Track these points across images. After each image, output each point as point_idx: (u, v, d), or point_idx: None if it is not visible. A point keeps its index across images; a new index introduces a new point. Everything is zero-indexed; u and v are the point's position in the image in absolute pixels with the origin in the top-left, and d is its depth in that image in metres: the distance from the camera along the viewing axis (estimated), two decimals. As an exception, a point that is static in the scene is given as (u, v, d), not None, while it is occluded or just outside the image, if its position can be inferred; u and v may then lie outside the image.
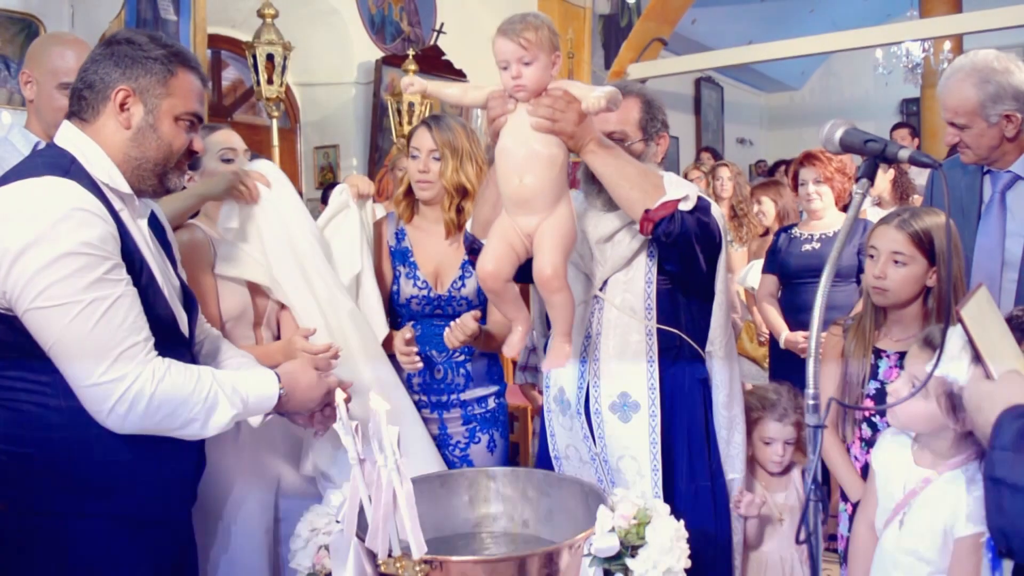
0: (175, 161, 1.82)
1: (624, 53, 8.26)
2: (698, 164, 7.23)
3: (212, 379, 1.75)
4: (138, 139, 1.76)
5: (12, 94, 4.46)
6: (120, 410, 1.62)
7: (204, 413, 1.72)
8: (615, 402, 2.29)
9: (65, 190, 1.63)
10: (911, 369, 1.90)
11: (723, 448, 2.38)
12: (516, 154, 1.95)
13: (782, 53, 8.46)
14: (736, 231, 5.67)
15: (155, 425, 1.67)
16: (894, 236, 2.16)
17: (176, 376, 1.69)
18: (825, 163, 3.80)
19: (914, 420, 1.85)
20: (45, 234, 1.57)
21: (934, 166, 1.44)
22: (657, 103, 2.34)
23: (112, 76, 1.75)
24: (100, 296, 1.60)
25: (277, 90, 5.19)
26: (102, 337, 1.60)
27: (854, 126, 1.54)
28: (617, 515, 1.82)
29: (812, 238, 3.84)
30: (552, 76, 1.95)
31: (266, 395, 1.84)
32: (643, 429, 2.26)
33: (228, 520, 2.25)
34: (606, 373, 2.30)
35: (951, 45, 9.72)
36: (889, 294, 2.17)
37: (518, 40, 1.90)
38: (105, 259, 1.62)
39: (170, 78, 1.77)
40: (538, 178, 1.94)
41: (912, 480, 1.89)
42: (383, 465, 1.61)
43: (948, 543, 1.80)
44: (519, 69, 1.91)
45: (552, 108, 1.92)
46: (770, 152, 13.54)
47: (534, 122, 1.92)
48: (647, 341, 2.28)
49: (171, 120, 1.79)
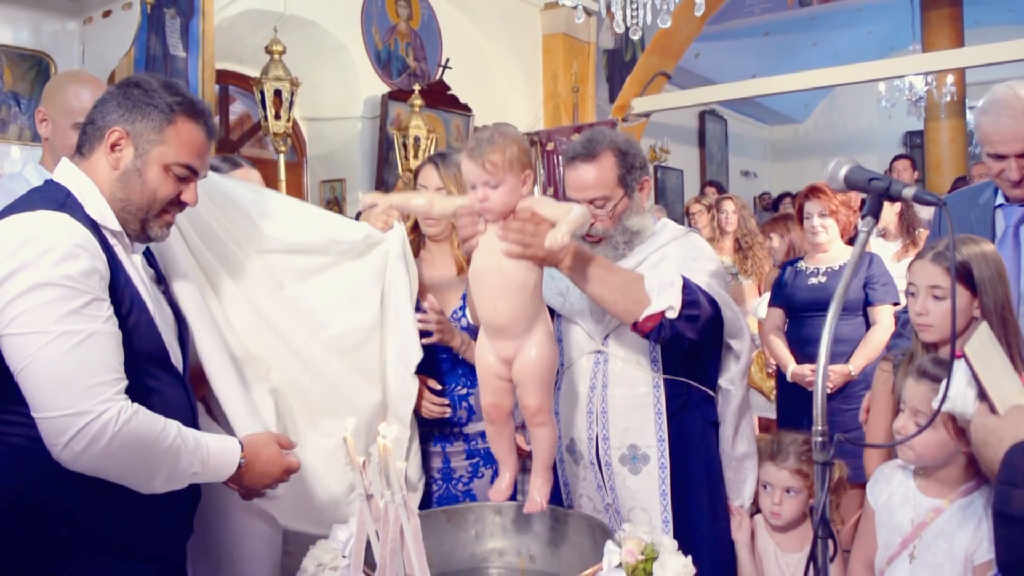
0: (158, 209, 1.82)
1: (628, 87, 8.32)
2: (699, 198, 7.25)
3: (176, 431, 1.72)
4: (124, 181, 1.79)
5: (23, 130, 4.51)
6: (76, 446, 1.59)
7: (163, 465, 1.69)
8: (624, 454, 2.29)
9: (57, 223, 1.66)
10: (910, 402, 1.89)
11: (730, 479, 2.39)
12: (489, 280, 1.91)
13: (786, 87, 8.53)
14: (741, 264, 5.67)
15: (111, 467, 1.64)
16: (931, 270, 2.11)
17: (141, 422, 1.65)
18: (830, 196, 3.81)
19: (927, 451, 1.84)
20: (28, 263, 1.59)
21: (938, 204, 1.45)
22: (632, 148, 2.27)
23: (112, 116, 1.79)
24: (73, 330, 1.60)
25: (284, 125, 5.25)
26: (69, 370, 1.59)
27: (858, 164, 1.55)
28: (624, 551, 1.81)
29: (818, 272, 3.84)
30: (522, 195, 1.89)
31: (227, 462, 1.81)
32: (653, 481, 2.27)
33: (230, 554, 2.23)
34: (614, 425, 2.30)
35: (953, 79, 9.80)
36: (934, 329, 2.10)
37: (482, 164, 1.84)
38: (83, 293, 1.63)
39: (167, 126, 1.79)
40: (511, 304, 1.90)
41: (921, 512, 1.88)
42: (390, 500, 1.61)
43: (968, 572, 1.79)
44: (485, 192, 1.87)
45: (521, 233, 1.85)
46: (774, 184, 13.59)
47: (505, 248, 1.87)
48: (654, 393, 2.27)
49: (160, 168, 1.79)
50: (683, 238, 2.34)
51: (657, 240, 2.31)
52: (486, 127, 1.96)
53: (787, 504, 2.26)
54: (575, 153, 2.24)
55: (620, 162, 2.23)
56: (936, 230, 2.64)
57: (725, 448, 2.39)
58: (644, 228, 2.29)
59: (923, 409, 1.85)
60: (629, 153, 2.25)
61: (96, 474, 1.64)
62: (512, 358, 1.94)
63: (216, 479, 1.82)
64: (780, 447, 2.27)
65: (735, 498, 2.40)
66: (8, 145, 4.47)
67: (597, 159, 2.21)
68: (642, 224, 2.29)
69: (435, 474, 2.60)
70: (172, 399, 1.84)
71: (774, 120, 14.65)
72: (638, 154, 2.28)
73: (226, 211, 2.17)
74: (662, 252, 2.28)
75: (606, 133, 2.29)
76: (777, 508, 2.26)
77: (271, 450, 1.89)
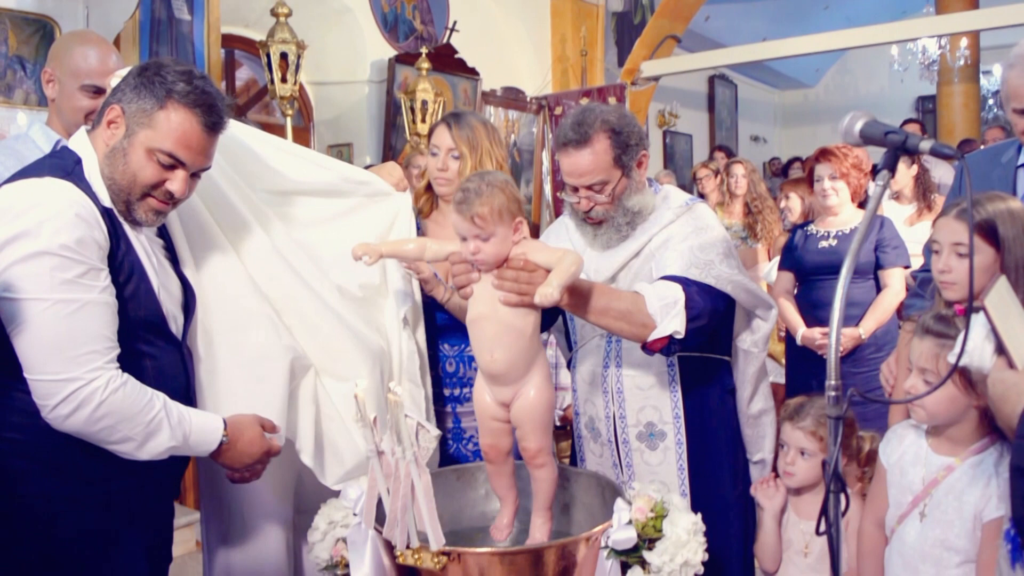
0: (139, 193, 1.81)
1: (637, 50, 8.23)
2: (707, 163, 7.20)
3: (162, 406, 1.77)
4: (110, 158, 1.80)
5: (28, 94, 4.49)
6: (63, 410, 1.65)
7: (143, 436, 1.73)
8: (641, 431, 2.30)
9: (59, 192, 1.70)
10: (917, 361, 1.88)
11: (748, 436, 2.40)
12: (486, 329, 1.89)
13: (796, 50, 8.41)
14: (751, 228, 5.65)
15: (94, 433, 1.70)
16: (954, 227, 2.05)
17: (128, 393, 1.71)
18: (841, 159, 3.77)
19: (939, 408, 1.83)
20: (29, 230, 1.63)
21: (955, 157, 1.43)
22: (626, 125, 2.16)
23: (119, 94, 1.82)
24: (68, 298, 1.65)
25: (291, 88, 5.21)
26: (61, 337, 1.64)
27: (874, 118, 1.53)
28: (634, 508, 1.81)
29: (828, 235, 3.82)
30: (515, 242, 1.87)
31: (208, 439, 1.85)
32: (671, 456, 2.28)
33: (242, 514, 2.25)
34: (631, 405, 2.30)
35: (968, 42, 9.67)
36: (957, 287, 2.04)
37: (471, 218, 1.82)
38: (80, 263, 1.66)
39: (157, 110, 1.78)
40: (508, 351, 1.88)
41: (933, 470, 1.87)
42: (401, 457, 1.61)
43: (978, 529, 1.79)
44: (477, 245, 1.84)
45: (516, 281, 1.83)
46: (784, 150, 13.49)
47: (501, 296, 1.85)
48: (669, 372, 2.27)
49: (143, 151, 1.79)
50: (687, 214, 2.26)
51: (660, 218, 2.25)
52: (472, 176, 1.89)
53: (800, 465, 2.20)
54: (566, 139, 2.14)
55: (614, 142, 2.14)
56: (957, 188, 2.59)
57: (742, 408, 2.40)
58: (645, 206, 2.23)
59: (929, 367, 1.84)
60: (623, 131, 2.15)
61: (81, 437, 1.70)
62: (510, 401, 1.93)
63: (198, 454, 1.87)
64: (800, 408, 2.23)
65: (755, 453, 2.42)
66: (14, 110, 4.44)
67: (590, 143, 2.12)
68: (643, 203, 2.22)
69: (446, 434, 2.61)
70: (167, 365, 1.90)
71: (784, 85, 14.50)
72: (633, 129, 2.18)
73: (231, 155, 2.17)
74: (667, 232, 2.22)
75: (596, 111, 2.17)
76: (790, 468, 2.22)
77: (253, 431, 1.92)
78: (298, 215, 2.33)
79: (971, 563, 1.80)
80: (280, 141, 2.39)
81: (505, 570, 1.71)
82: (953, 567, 1.81)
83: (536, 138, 7.59)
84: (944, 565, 1.82)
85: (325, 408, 2.16)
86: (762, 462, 2.42)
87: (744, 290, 2.22)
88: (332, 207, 2.39)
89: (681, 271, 2.11)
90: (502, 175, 1.90)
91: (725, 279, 2.16)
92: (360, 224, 2.39)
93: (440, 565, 1.69)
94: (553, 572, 1.74)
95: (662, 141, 11.05)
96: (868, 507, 2.05)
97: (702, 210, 2.30)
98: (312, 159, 2.42)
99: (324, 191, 2.37)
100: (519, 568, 1.72)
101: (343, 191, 2.40)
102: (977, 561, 1.79)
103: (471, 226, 1.83)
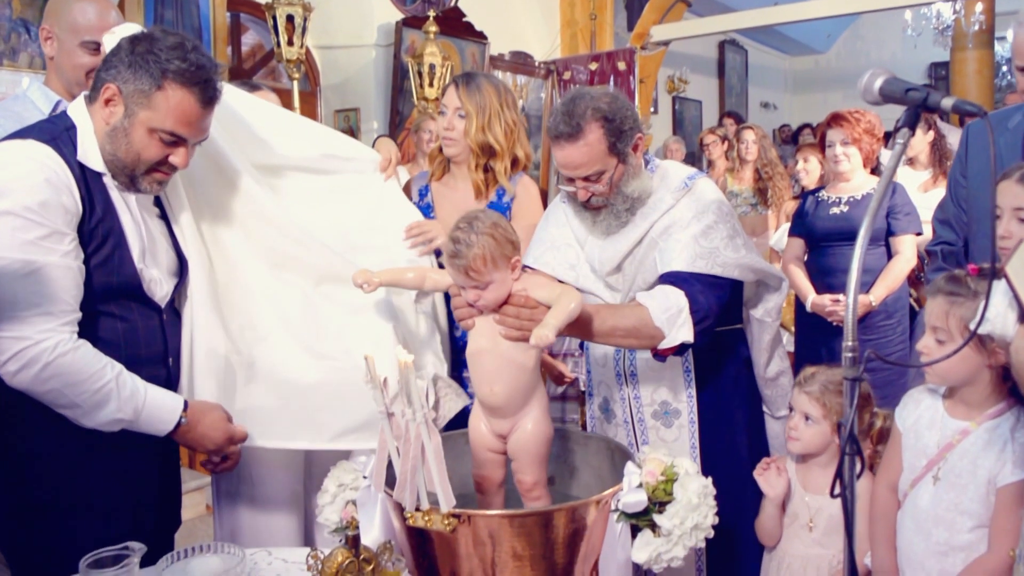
0: (144, 169, 1.84)
1: (647, 15, 8.14)
2: (713, 129, 7.14)
3: (113, 377, 1.78)
4: (112, 136, 1.82)
5: (33, 58, 4.46)
6: (10, 367, 1.69)
7: (90, 404, 1.75)
8: (656, 410, 2.30)
9: (33, 155, 1.72)
10: (928, 320, 1.85)
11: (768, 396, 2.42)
12: (487, 362, 1.89)
13: (808, 14, 8.32)
14: (760, 195, 5.61)
15: (42, 394, 1.73)
16: (1016, 191, 1.97)
17: (78, 359, 1.73)
18: (853, 124, 3.72)
19: (952, 369, 1.81)
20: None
21: (979, 114, 1.39)
22: (618, 110, 2.09)
23: (112, 71, 1.82)
24: (25, 259, 1.67)
25: (297, 51, 5.17)
26: (17, 296, 1.68)
27: (894, 75, 1.50)
28: (645, 471, 1.81)
29: (840, 201, 3.78)
30: (514, 279, 1.86)
31: (164, 417, 1.86)
32: (684, 435, 2.28)
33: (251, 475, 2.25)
34: (645, 387, 2.30)
35: (983, 7, 9.52)
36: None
37: (465, 272, 1.82)
38: (40, 225, 1.69)
39: (155, 91, 1.79)
40: (508, 386, 1.88)
41: (948, 434, 1.86)
42: (412, 418, 1.60)
43: (991, 494, 1.78)
44: (476, 294, 1.84)
45: (518, 319, 1.84)
46: (794, 117, 13.38)
47: (503, 331, 1.85)
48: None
49: (145, 131, 1.81)
50: (687, 196, 2.19)
51: (660, 202, 2.19)
52: (459, 224, 1.84)
53: (803, 431, 2.17)
54: (558, 132, 2.08)
55: (607, 131, 2.07)
56: (964, 154, 2.54)
57: (759, 372, 2.40)
58: (644, 191, 2.17)
59: (940, 324, 1.81)
60: (616, 118, 2.08)
61: (31, 393, 1.73)
62: (507, 433, 1.93)
63: (152, 431, 1.86)
64: (812, 376, 2.21)
65: (777, 410, 2.43)
66: (19, 73, 4.41)
67: (582, 135, 2.06)
68: (641, 187, 2.17)
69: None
70: (142, 330, 1.92)
71: (795, 50, 14.35)
72: (626, 115, 2.10)
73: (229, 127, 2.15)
74: (669, 218, 2.16)
75: (586, 99, 2.09)
76: (793, 432, 2.19)
77: (215, 415, 1.95)
78: (287, 189, 2.32)
79: (983, 527, 1.79)
80: (271, 108, 2.37)
81: (515, 532, 1.71)
82: (966, 531, 1.80)
83: (544, 103, 7.53)
84: (956, 529, 1.81)
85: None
86: (786, 418, 2.41)
87: (751, 270, 2.20)
88: (320, 183, 2.37)
89: (686, 264, 2.08)
90: (490, 217, 1.86)
91: (732, 264, 2.13)
92: (351, 202, 2.40)
93: (450, 527, 1.69)
94: (563, 535, 1.74)
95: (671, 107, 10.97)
96: (882, 471, 2.03)
97: (702, 188, 2.22)
98: (301, 130, 2.39)
99: (310, 168, 2.36)
100: (529, 530, 1.71)
101: (328, 169, 2.38)
102: (991, 526, 1.78)
103: (467, 279, 1.83)
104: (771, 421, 2.46)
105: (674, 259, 2.10)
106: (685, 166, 2.35)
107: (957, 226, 2.45)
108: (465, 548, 1.72)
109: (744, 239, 2.23)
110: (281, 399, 2.10)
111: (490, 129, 2.52)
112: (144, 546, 1.56)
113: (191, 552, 1.76)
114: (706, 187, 2.23)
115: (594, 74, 7.33)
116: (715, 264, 2.11)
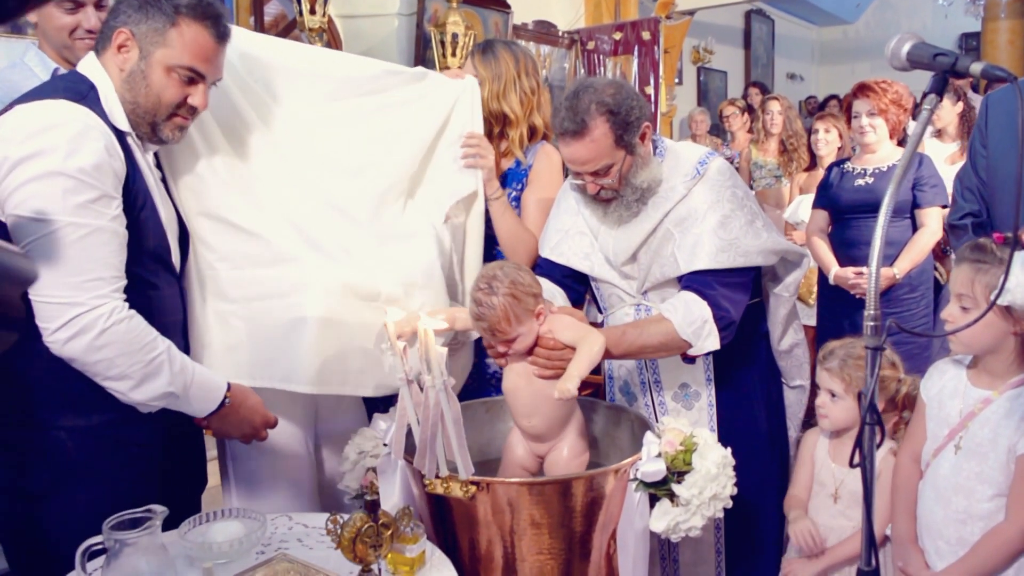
0: (166, 113, 1.82)
1: (672, -17, 8.02)
2: (733, 100, 7.04)
3: (165, 349, 1.75)
4: (130, 82, 1.80)
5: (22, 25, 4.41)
6: (62, 334, 1.63)
7: (141, 375, 1.71)
8: (676, 392, 2.32)
9: (77, 114, 1.68)
10: (953, 286, 1.83)
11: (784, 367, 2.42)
12: (522, 398, 1.98)
13: (837, -17, 8.16)
14: (786, 166, 5.55)
15: (91, 364, 1.67)
16: None
17: (133, 327, 1.69)
18: (880, 94, 3.65)
19: (976, 337, 1.80)
20: (45, 150, 1.62)
21: (1009, 79, 1.36)
22: (623, 102, 2.05)
23: (121, 17, 1.79)
24: (79, 222, 1.63)
25: (320, 20, 5.15)
26: (69, 260, 1.63)
27: (922, 40, 1.47)
28: (664, 441, 1.81)
29: (865, 172, 3.72)
30: (540, 324, 1.94)
31: (211, 396, 1.83)
32: (704, 417, 2.29)
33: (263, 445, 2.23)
34: (665, 372, 2.31)
35: (1017, -26, 9.31)
36: None
37: (491, 332, 1.92)
38: (93, 188, 1.65)
39: (169, 28, 1.78)
40: (545, 417, 1.97)
41: (970, 403, 1.85)
42: (431, 386, 1.61)
43: (1011, 463, 1.77)
44: (505, 346, 1.94)
45: (549, 360, 1.93)
46: (821, 88, 13.20)
47: (536, 371, 1.94)
48: None
49: (163, 70, 1.79)
50: (700, 184, 2.15)
51: (672, 191, 2.15)
52: (478, 284, 1.92)
53: (830, 408, 2.18)
54: (563, 128, 2.06)
55: (613, 124, 2.05)
56: (984, 123, 2.47)
57: (774, 346, 2.40)
58: (654, 180, 2.15)
59: (965, 291, 1.80)
60: (621, 110, 2.05)
61: (78, 364, 1.68)
62: (544, 454, 2.03)
63: (194, 410, 1.84)
64: (831, 352, 2.20)
65: (792, 380, 2.44)
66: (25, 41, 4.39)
67: (588, 132, 2.04)
68: (651, 177, 2.14)
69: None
70: (168, 298, 1.90)
71: (823, 20, 14.10)
72: (632, 105, 2.07)
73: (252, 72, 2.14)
74: (684, 207, 2.13)
75: (590, 92, 2.06)
76: (822, 410, 2.21)
77: (255, 401, 1.94)
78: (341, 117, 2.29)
79: (1003, 496, 1.79)
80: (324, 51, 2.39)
81: (534, 500, 1.72)
82: (986, 500, 1.80)
83: (568, 73, 7.45)
84: (976, 498, 1.81)
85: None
86: (801, 387, 2.46)
87: (773, 252, 2.19)
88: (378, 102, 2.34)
89: (709, 261, 2.07)
90: (508, 275, 1.91)
91: (755, 251, 2.12)
92: (417, 113, 2.37)
93: (469, 494, 1.70)
94: (581, 503, 1.75)
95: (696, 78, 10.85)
96: (905, 441, 2.03)
97: (714, 172, 2.17)
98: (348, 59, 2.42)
99: (369, 89, 2.33)
100: (547, 499, 1.72)
101: (383, 88, 2.35)
102: (1009, 494, 1.77)
103: (494, 338, 1.93)
104: (787, 390, 2.47)
105: (696, 257, 2.09)
106: (696, 146, 2.31)
107: (978, 196, 2.42)
108: (484, 515, 1.74)
109: (764, 220, 2.21)
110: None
111: (504, 97, 2.50)
112: (166, 509, 1.55)
113: (213, 516, 1.78)
114: (719, 171, 2.18)
115: (618, 44, 7.24)
116: (737, 255, 2.09)
